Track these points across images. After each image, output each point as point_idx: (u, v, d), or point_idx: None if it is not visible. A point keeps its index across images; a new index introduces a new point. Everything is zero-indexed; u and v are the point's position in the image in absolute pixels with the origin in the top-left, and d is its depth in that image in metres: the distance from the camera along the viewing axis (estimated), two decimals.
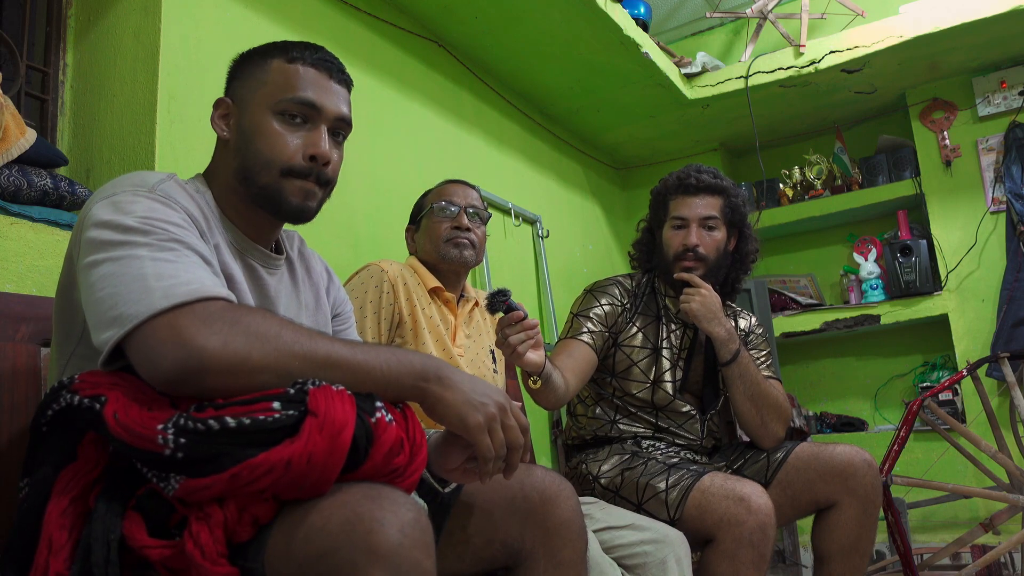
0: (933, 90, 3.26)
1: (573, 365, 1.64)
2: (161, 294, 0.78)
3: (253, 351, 0.76)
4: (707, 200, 1.77)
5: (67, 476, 0.76)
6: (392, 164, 2.22)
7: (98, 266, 0.82)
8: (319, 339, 0.82)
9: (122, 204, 0.87)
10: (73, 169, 1.63)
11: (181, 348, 0.75)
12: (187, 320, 0.77)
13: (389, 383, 0.83)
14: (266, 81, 1.00)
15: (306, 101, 0.99)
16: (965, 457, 2.40)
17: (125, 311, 0.78)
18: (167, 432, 0.71)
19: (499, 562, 1.09)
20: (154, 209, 0.87)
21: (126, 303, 0.78)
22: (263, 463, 0.70)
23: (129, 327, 0.77)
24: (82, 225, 0.88)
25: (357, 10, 2.17)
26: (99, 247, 0.83)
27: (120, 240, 0.83)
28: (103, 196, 0.89)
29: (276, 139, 0.98)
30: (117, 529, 0.73)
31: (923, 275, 3.18)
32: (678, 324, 1.82)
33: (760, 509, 1.46)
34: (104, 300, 0.80)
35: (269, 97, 0.99)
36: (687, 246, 1.75)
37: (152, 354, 0.76)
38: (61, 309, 0.93)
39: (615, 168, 3.81)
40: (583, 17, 2.45)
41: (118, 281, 0.81)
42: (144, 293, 0.79)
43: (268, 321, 0.80)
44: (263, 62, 1.02)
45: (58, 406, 0.78)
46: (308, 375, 0.78)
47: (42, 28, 1.66)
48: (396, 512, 0.69)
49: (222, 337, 0.76)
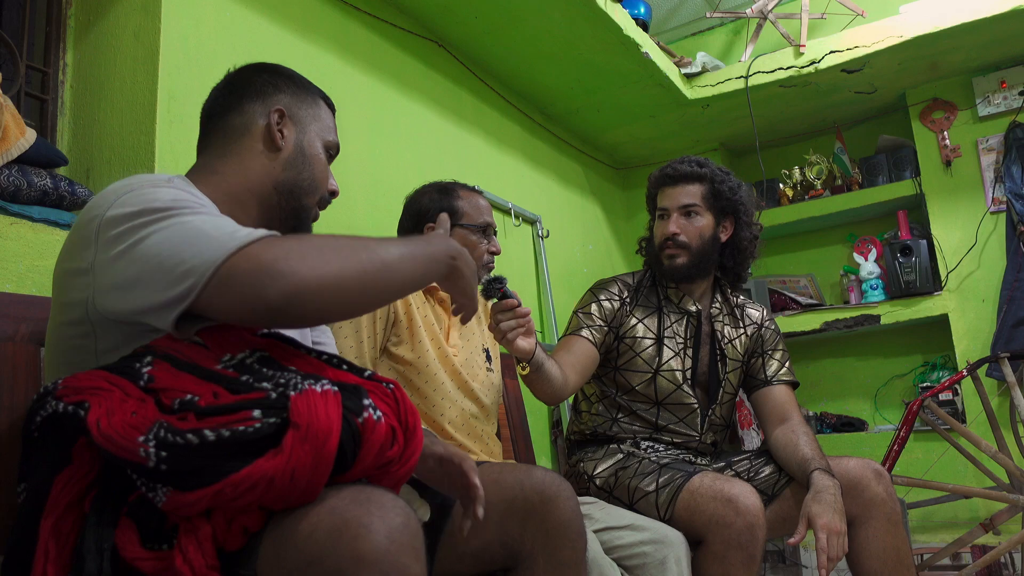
0: (933, 90, 3.26)
1: (573, 360, 1.66)
2: (228, 238, 0.79)
3: (337, 266, 0.80)
4: (686, 188, 1.80)
5: (62, 481, 0.75)
6: (392, 164, 2.22)
7: (146, 239, 0.81)
8: (374, 243, 0.87)
9: (146, 195, 0.86)
10: (73, 169, 1.63)
11: (268, 271, 0.76)
12: (269, 252, 0.78)
13: (436, 263, 0.94)
14: (320, 116, 1.09)
15: (337, 146, 1.12)
16: (965, 457, 2.40)
17: (196, 262, 0.77)
18: (148, 445, 0.70)
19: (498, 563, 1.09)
20: (179, 195, 0.88)
21: (193, 256, 0.78)
22: (246, 479, 0.69)
23: (209, 272, 0.76)
24: (98, 228, 0.85)
25: (357, 10, 2.17)
26: (138, 228, 0.82)
27: (159, 217, 0.83)
28: (116, 196, 0.87)
29: (324, 172, 1.09)
30: (110, 539, 0.72)
31: (923, 275, 3.17)
32: (680, 314, 1.83)
33: (748, 510, 1.45)
34: (166, 260, 0.79)
35: (323, 133, 1.09)
36: (665, 235, 1.79)
37: (246, 290, 0.76)
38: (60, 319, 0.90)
39: (615, 168, 3.81)
40: (583, 17, 2.45)
41: (176, 240, 0.80)
42: (210, 242, 0.79)
43: (330, 240, 0.83)
44: (313, 97, 1.10)
45: (45, 413, 0.77)
46: (383, 277, 0.84)
47: (42, 28, 1.66)
48: (384, 517, 0.69)
49: (307, 261, 0.78)
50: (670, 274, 1.81)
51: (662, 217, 1.83)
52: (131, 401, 0.74)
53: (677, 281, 1.83)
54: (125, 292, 0.81)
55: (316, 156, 1.07)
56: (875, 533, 1.56)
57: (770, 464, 1.71)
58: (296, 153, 1.05)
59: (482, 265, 1.61)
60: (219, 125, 1.05)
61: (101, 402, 0.74)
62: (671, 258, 1.79)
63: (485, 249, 1.62)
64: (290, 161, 1.04)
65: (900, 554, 1.56)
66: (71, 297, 0.87)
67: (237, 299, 0.76)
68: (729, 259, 1.84)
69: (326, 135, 1.09)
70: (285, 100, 1.06)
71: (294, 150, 1.05)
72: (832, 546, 1.44)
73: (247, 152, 1.03)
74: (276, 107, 1.04)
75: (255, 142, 1.03)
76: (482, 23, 2.46)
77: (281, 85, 1.07)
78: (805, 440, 1.65)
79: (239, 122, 1.04)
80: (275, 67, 1.10)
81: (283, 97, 1.06)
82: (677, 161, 1.84)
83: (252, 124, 1.04)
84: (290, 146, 1.04)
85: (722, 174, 1.81)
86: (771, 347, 1.87)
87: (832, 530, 1.45)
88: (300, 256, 0.78)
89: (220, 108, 1.06)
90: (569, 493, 1.11)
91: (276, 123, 1.03)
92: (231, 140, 1.03)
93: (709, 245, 1.80)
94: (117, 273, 0.82)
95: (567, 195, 3.25)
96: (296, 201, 1.04)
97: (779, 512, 1.64)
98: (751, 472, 1.72)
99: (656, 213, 1.86)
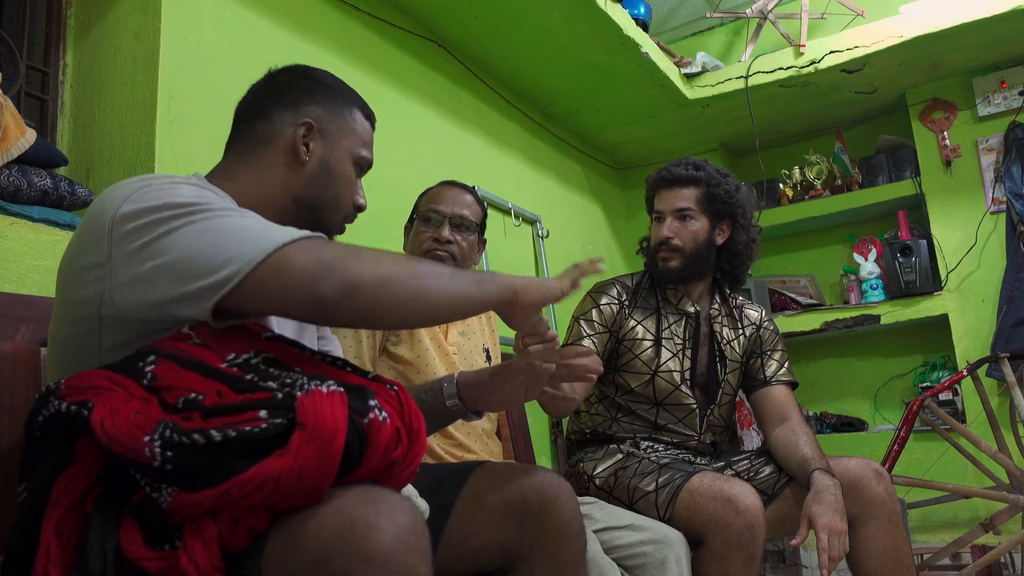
0: (933, 90, 3.26)
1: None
2: (276, 232, 0.78)
3: (391, 268, 0.81)
4: (681, 192, 1.81)
5: (64, 480, 0.75)
6: (392, 164, 2.22)
7: (174, 232, 0.79)
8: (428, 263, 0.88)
9: (165, 191, 0.83)
10: (73, 169, 1.63)
11: (335, 272, 0.77)
12: (326, 249, 0.78)
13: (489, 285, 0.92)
14: (354, 130, 1.05)
15: (370, 163, 1.08)
16: (965, 457, 2.40)
17: (240, 251, 0.77)
18: (153, 444, 0.69)
19: (496, 563, 1.09)
20: (203, 193, 0.86)
21: (237, 246, 0.77)
22: (252, 479, 0.69)
23: (257, 259, 0.76)
24: (111, 224, 0.82)
25: (357, 10, 2.17)
26: (162, 222, 0.80)
27: (184, 212, 0.80)
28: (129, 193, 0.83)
29: (352, 188, 1.05)
30: (113, 538, 0.72)
31: (923, 275, 3.17)
32: (678, 315, 1.83)
33: (748, 510, 1.45)
34: (202, 252, 0.78)
35: (354, 147, 1.05)
36: (659, 239, 1.81)
37: (298, 282, 0.76)
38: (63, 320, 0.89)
39: (615, 168, 3.81)
40: (583, 17, 2.45)
41: (216, 235, 0.79)
42: (256, 235, 0.78)
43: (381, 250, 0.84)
44: (349, 109, 1.06)
45: (48, 412, 0.77)
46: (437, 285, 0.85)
47: (42, 28, 1.66)
48: (391, 517, 0.69)
49: (361, 260, 0.79)
50: (665, 276, 1.83)
51: (658, 220, 1.85)
52: (135, 400, 0.74)
53: (672, 283, 1.84)
54: (147, 284, 0.80)
55: (343, 173, 1.03)
56: (875, 533, 1.57)
57: (770, 464, 1.71)
58: (320, 169, 1.01)
59: (423, 252, 1.56)
60: (246, 129, 1.02)
61: (105, 401, 0.74)
62: (664, 261, 1.81)
63: (428, 236, 1.56)
64: (313, 177, 1.00)
65: (900, 554, 1.56)
66: (82, 293, 0.84)
67: (284, 291, 0.77)
68: (726, 262, 1.84)
69: (358, 150, 1.04)
70: (317, 112, 1.02)
71: (318, 166, 1.01)
72: (833, 546, 1.44)
73: (268, 163, 1.00)
74: (304, 119, 1.00)
75: (278, 154, 1.00)
76: (482, 23, 2.46)
77: (317, 95, 1.03)
78: (805, 440, 1.65)
79: (266, 130, 1.01)
80: (316, 74, 1.06)
81: (315, 109, 1.02)
82: (674, 163, 1.84)
83: (277, 135, 1.00)
84: (315, 161, 1.00)
85: (719, 176, 1.80)
86: (770, 347, 1.87)
87: (833, 530, 1.45)
88: (355, 255, 0.79)
89: (251, 112, 1.03)
90: (569, 494, 1.11)
91: (303, 136, 1.00)
92: (255, 148, 1.01)
93: (704, 248, 1.80)
94: (138, 265, 0.80)
95: (567, 195, 3.25)
96: (315, 216, 1.01)
97: (779, 512, 1.64)
98: (751, 472, 1.72)
99: (653, 215, 1.88)
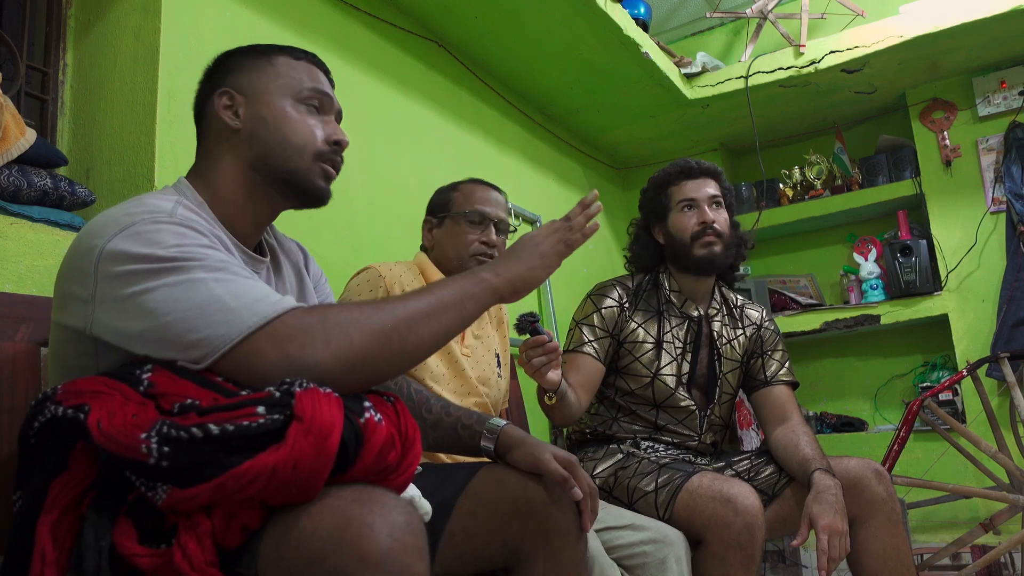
0: (933, 90, 3.26)
1: (582, 380, 1.68)
2: (248, 312, 0.79)
3: (356, 343, 0.80)
4: (710, 182, 1.82)
5: (58, 486, 0.75)
6: (392, 164, 2.22)
7: (151, 292, 0.79)
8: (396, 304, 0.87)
9: (148, 234, 0.83)
10: (73, 169, 1.63)
11: (292, 363, 0.77)
12: (287, 334, 0.79)
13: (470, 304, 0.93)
14: (279, 73, 1.02)
15: (324, 92, 1.04)
16: (965, 457, 2.40)
17: (212, 332, 0.78)
18: (150, 441, 0.69)
19: (498, 563, 1.09)
20: (183, 235, 0.85)
21: (209, 325, 0.78)
22: (248, 471, 0.69)
23: (225, 348, 0.78)
24: (97, 259, 0.82)
25: (357, 10, 2.17)
26: (142, 276, 0.80)
27: (167, 267, 0.81)
28: (118, 227, 0.84)
29: (305, 126, 1.01)
30: (108, 536, 0.72)
31: (923, 275, 3.18)
32: (680, 319, 1.83)
33: (747, 510, 1.45)
34: (175, 324, 0.78)
35: (289, 88, 1.01)
36: (705, 223, 1.76)
37: (266, 370, 0.77)
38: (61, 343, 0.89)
39: (615, 168, 3.81)
40: (583, 17, 2.45)
41: (188, 304, 0.79)
42: (228, 313, 0.79)
43: (350, 311, 0.83)
44: (268, 58, 1.03)
45: (44, 418, 0.77)
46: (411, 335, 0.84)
47: (42, 28, 1.66)
48: (386, 516, 0.68)
49: (327, 344, 0.79)
50: (707, 264, 1.77)
51: (689, 208, 1.79)
52: (131, 404, 0.75)
53: (708, 273, 1.80)
54: (127, 341, 0.81)
55: (282, 116, 0.99)
56: (875, 533, 1.56)
57: (770, 464, 1.71)
58: (256, 124, 0.99)
59: (470, 255, 1.53)
60: (199, 131, 1.05)
61: (102, 404, 0.74)
62: (708, 246, 1.76)
63: (475, 239, 1.55)
64: (253, 135, 0.99)
65: (900, 554, 1.56)
66: (70, 321, 0.86)
67: (251, 378, 0.78)
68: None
69: (295, 88, 1.01)
70: (231, 79, 1.01)
71: (253, 123, 0.99)
72: (833, 547, 1.44)
73: (215, 148, 1.01)
74: (220, 90, 1.01)
75: (219, 136, 1.01)
76: (482, 23, 2.46)
77: (230, 66, 1.03)
78: (805, 440, 1.65)
79: (204, 123, 1.03)
80: (234, 51, 1.06)
81: (229, 77, 1.02)
82: (685, 160, 1.85)
83: (212, 119, 1.01)
84: (248, 121, 0.99)
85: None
86: (770, 347, 1.87)
87: (834, 531, 1.45)
88: (324, 341, 0.79)
89: (195, 113, 1.06)
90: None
91: (225, 107, 1.00)
92: (207, 143, 1.03)
93: (733, 238, 1.83)
94: (119, 319, 0.81)
95: (567, 195, 3.25)
96: (279, 170, 0.99)
97: (779, 512, 1.64)
98: (751, 472, 1.72)
99: (678, 206, 1.81)
